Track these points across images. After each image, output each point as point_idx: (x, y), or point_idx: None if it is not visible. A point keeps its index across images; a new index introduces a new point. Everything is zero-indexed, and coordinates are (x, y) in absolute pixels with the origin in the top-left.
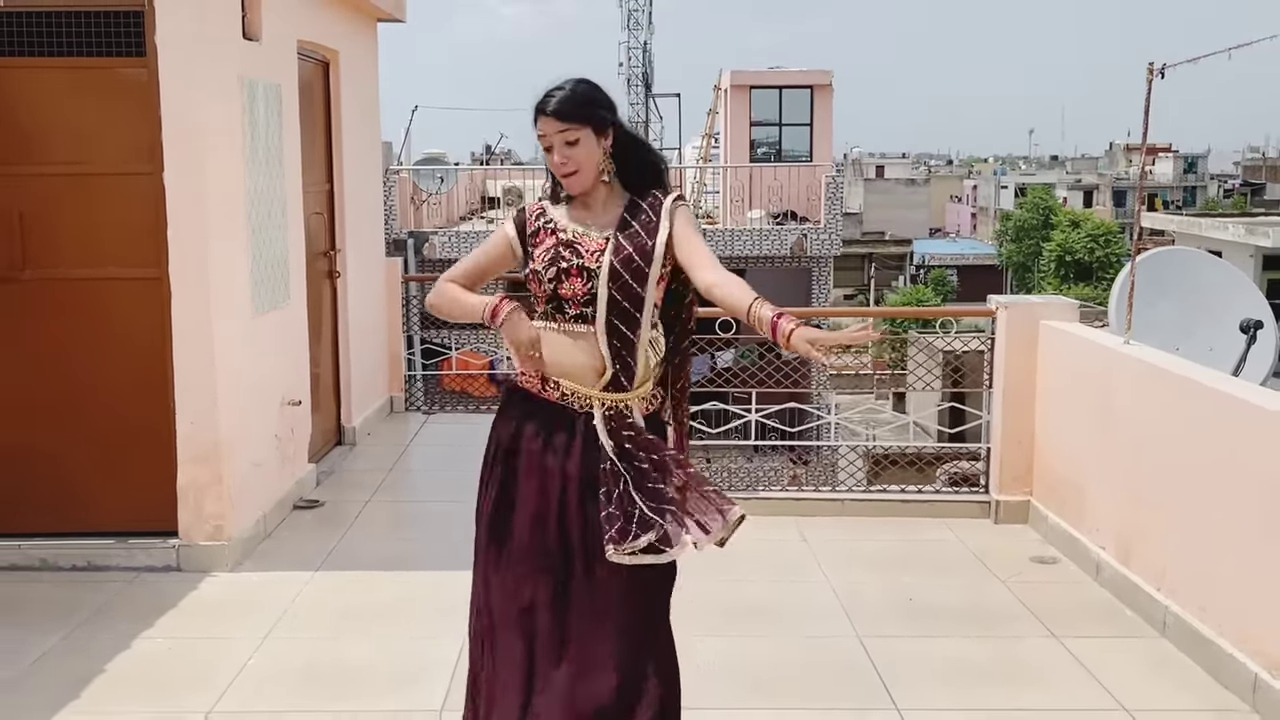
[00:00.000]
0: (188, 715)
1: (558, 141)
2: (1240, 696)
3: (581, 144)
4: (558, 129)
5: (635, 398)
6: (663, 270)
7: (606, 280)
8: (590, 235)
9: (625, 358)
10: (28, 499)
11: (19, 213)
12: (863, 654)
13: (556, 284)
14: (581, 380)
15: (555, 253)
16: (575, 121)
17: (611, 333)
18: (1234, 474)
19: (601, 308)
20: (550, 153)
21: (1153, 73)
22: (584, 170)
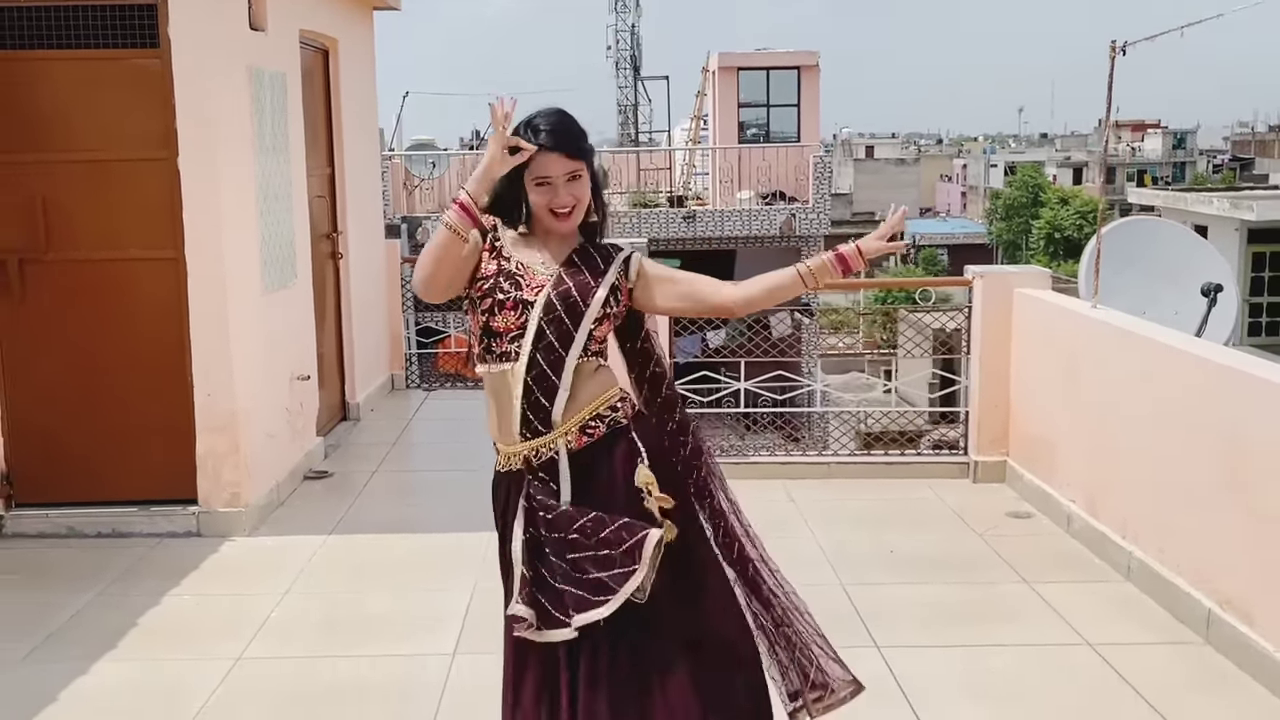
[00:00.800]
0: (219, 661)
1: (563, 179)
2: (1195, 630)
3: (582, 181)
4: (565, 167)
5: (559, 436)
6: (604, 310)
7: (539, 312)
8: (535, 269)
9: (536, 396)
10: (54, 470)
11: (41, 197)
12: (845, 600)
13: (489, 316)
14: (506, 436)
15: (495, 283)
16: (582, 158)
17: (531, 367)
18: (1189, 426)
19: (528, 340)
20: (543, 188)
21: (1115, 50)
22: (580, 208)
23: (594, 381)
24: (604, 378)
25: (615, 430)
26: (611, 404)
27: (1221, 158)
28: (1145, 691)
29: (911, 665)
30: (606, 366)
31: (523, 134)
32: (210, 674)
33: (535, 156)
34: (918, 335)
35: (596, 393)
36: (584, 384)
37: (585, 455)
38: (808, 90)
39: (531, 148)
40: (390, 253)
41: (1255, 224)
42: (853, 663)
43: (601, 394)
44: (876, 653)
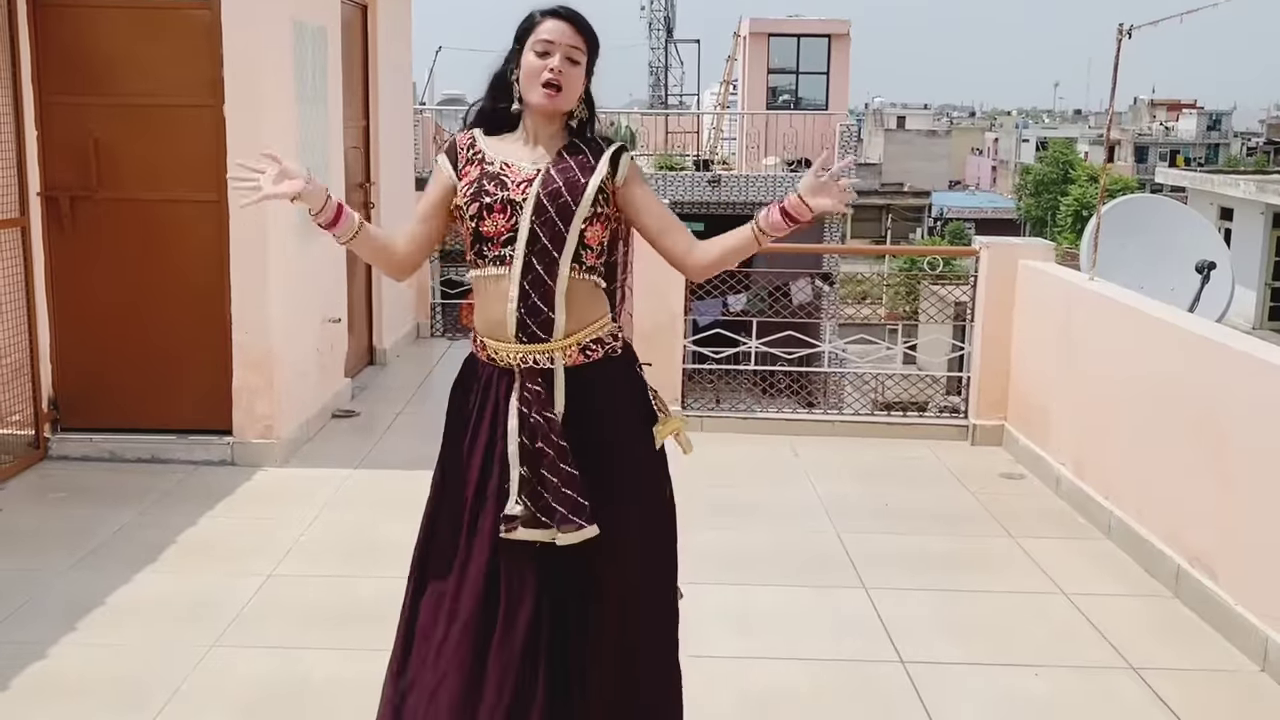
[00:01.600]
0: (252, 576)
1: (562, 51)
2: (1165, 584)
3: (579, 68)
4: (570, 39)
5: (557, 348)
6: (594, 210)
7: (530, 213)
8: (519, 166)
9: (534, 300)
10: (98, 397)
11: (94, 139)
12: (839, 546)
13: (478, 221)
14: (499, 334)
15: (479, 186)
16: (585, 40)
17: (526, 271)
18: (1170, 396)
19: (520, 244)
20: (544, 58)
21: (1121, 34)
22: (568, 92)
23: (592, 301)
24: (601, 301)
25: (612, 358)
26: (612, 332)
27: (1256, 140)
28: (1111, 636)
29: (894, 605)
30: (602, 292)
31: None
32: (244, 588)
33: (541, 23)
34: (939, 306)
35: (595, 314)
36: (582, 299)
37: (583, 373)
38: (838, 58)
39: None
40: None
41: None
42: (839, 601)
43: (600, 317)
44: (864, 593)
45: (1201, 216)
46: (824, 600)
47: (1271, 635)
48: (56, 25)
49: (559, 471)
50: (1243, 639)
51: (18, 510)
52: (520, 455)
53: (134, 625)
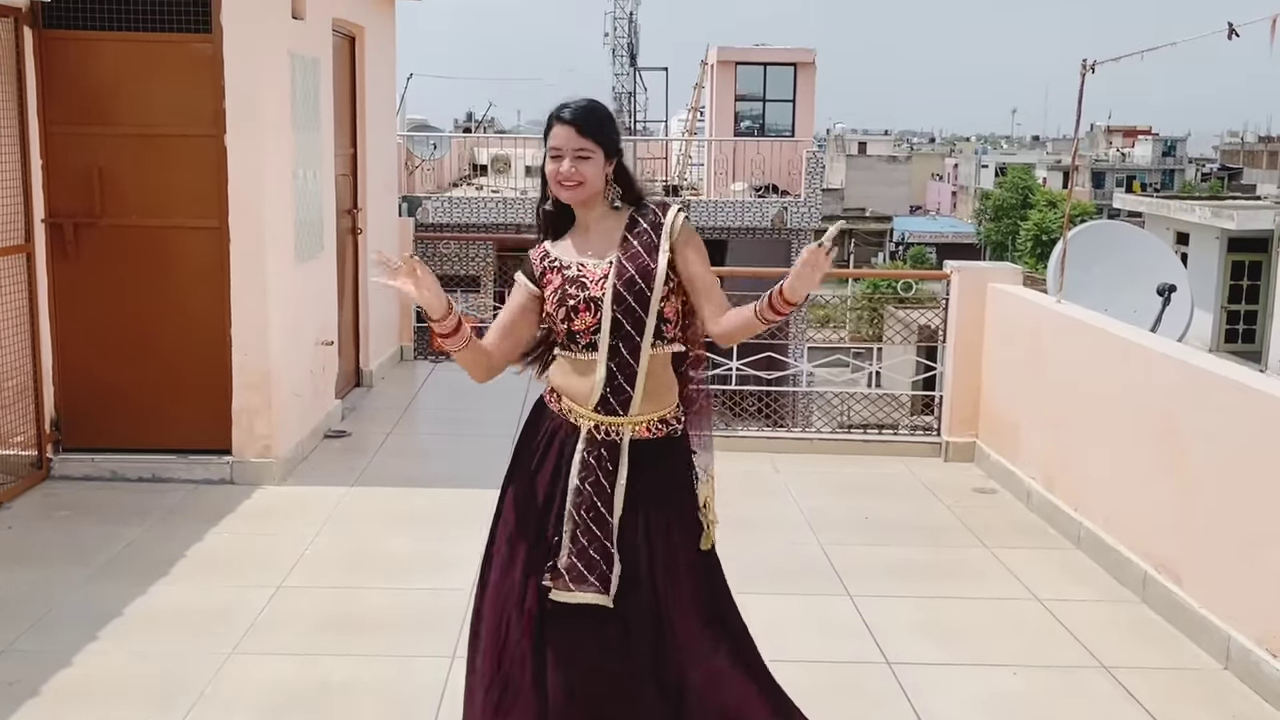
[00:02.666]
0: (263, 589)
1: (570, 154)
2: (1133, 590)
3: (592, 162)
4: (575, 143)
5: (628, 423)
6: (668, 287)
7: (610, 303)
8: (591, 265)
9: (619, 381)
10: (100, 418)
11: (98, 167)
12: (823, 556)
13: (569, 323)
14: (580, 401)
15: (563, 292)
16: (592, 138)
17: (612, 354)
18: (1133, 410)
19: (604, 332)
20: (557, 162)
21: (1085, 69)
22: (588, 186)
23: (666, 380)
24: (672, 383)
25: (673, 437)
26: (676, 414)
27: (1210, 167)
28: (1083, 638)
29: (878, 611)
30: (672, 371)
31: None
32: (256, 598)
33: (551, 129)
34: (904, 329)
35: (667, 396)
36: (659, 376)
37: (646, 448)
38: (803, 86)
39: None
40: (404, 229)
41: (1235, 233)
42: (827, 608)
43: (671, 398)
44: (849, 600)
45: (1161, 241)
46: (812, 607)
47: (1233, 635)
48: (62, 56)
49: (585, 537)
50: (1207, 639)
51: (25, 528)
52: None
53: (154, 634)
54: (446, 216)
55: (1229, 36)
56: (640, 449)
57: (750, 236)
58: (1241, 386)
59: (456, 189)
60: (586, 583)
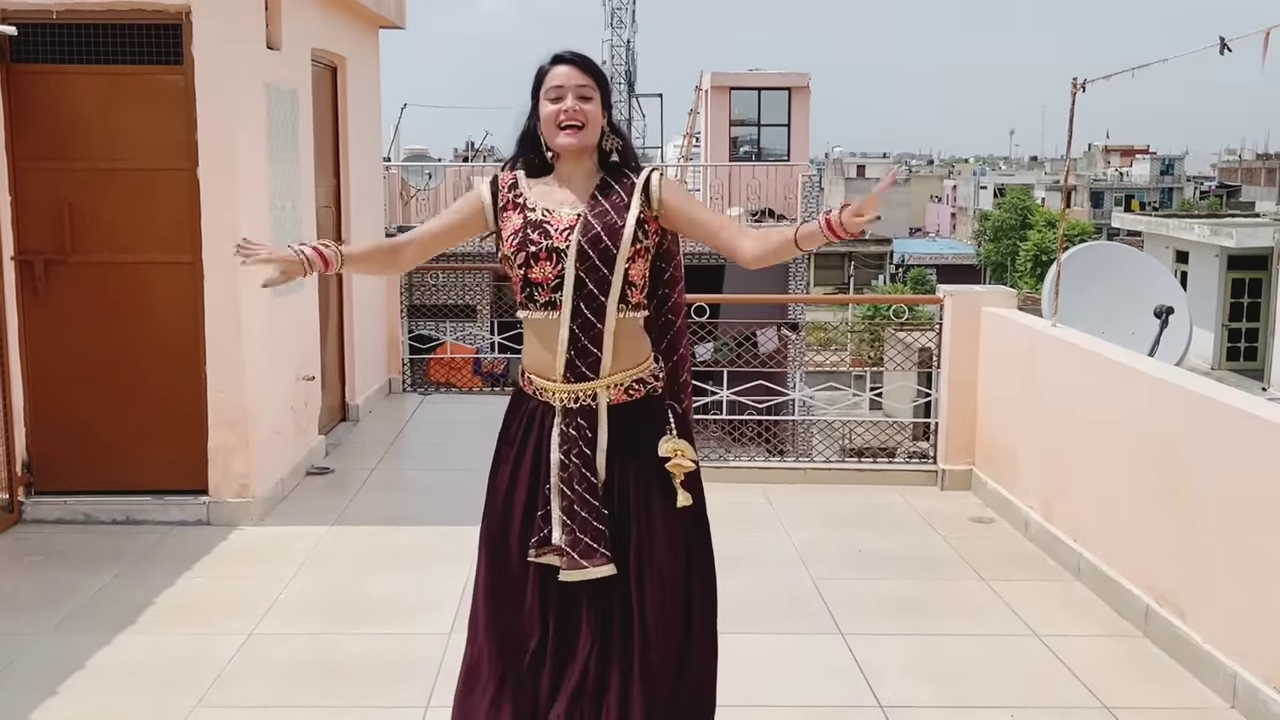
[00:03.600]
0: (234, 636)
1: (573, 92)
2: (1134, 624)
3: (592, 103)
4: (578, 80)
5: (601, 386)
6: (635, 248)
7: (574, 261)
8: (560, 213)
9: (584, 344)
10: (73, 460)
11: (68, 203)
12: (814, 591)
13: (526, 269)
14: (547, 373)
15: (524, 235)
16: (594, 78)
17: (574, 315)
18: (1133, 438)
19: (568, 291)
20: (558, 103)
21: (1076, 87)
22: (590, 127)
23: (637, 342)
24: (644, 343)
25: (652, 397)
26: (653, 372)
27: (1208, 184)
28: (1084, 677)
29: (871, 650)
30: (644, 332)
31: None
32: (225, 647)
33: (549, 70)
34: (904, 352)
35: (639, 356)
36: (628, 339)
37: (624, 411)
38: (798, 110)
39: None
40: None
41: (1235, 251)
42: (817, 648)
43: (644, 359)
44: (840, 639)
45: (1159, 262)
46: (802, 647)
47: (1240, 672)
48: (30, 90)
49: (583, 510)
50: (1212, 677)
51: None
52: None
53: (116, 688)
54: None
55: (1221, 52)
56: (618, 413)
57: None
58: (1243, 413)
59: None
60: (595, 555)
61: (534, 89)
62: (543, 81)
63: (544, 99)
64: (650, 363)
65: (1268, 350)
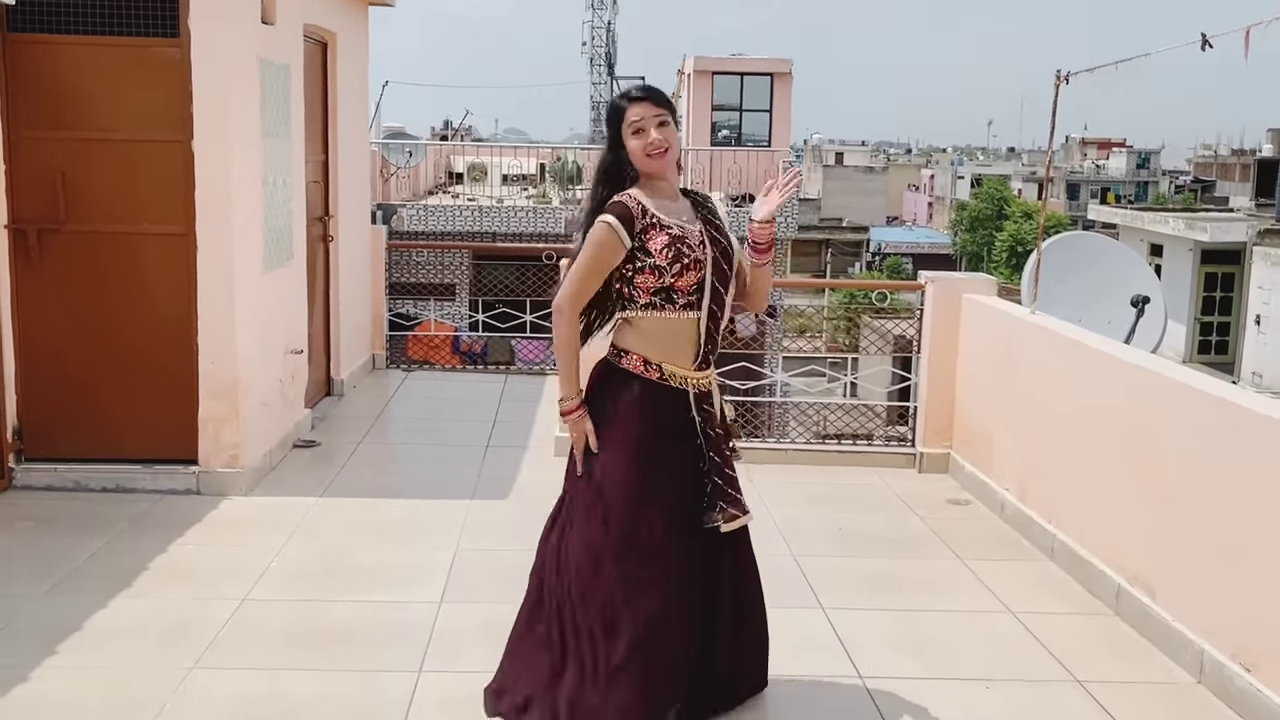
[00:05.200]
0: (226, 601)
1: (653, 123)
2: (1106, 603)
3: (669, 127)
4: (655, 112)
5: (712, 375)
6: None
7: (710, 272)
8: (689, 229)
9: (713, 341)
10: (64, 427)
11: (61, 172)
12: (795, 567)
13: (677, 277)
14: (680, 362)
15: (676, 250)
16: (668, 108)
17: (710, 317)
18: (1106, 422)
19: (706, 295)
20: (642, 135)
21: (1059, 80)
22: (672, 151)
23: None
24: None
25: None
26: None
27: (1184, 179)
28: (1056, 652)
29: (851, 624)
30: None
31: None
32: (219, 612)
33: (627, 109)
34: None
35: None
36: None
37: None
38: (780, 96)
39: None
40: (376, 237)
41: (1208, 245)
42: (799, 621)
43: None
44: (821, 613)
45: (1135, 253)
46: (784, 620)
47: (1207, 649)
48: (26, 60)
49: (724, 474)
50: (1180, 653)
51: None
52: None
53: (114, 648)
54: (421, 224)
55: (1202, 48)
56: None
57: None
58: (1215, 399)
59: (432, 197)
60: (741, 507)
61: (613, 125)
62: (622, 118)
63: (627, 134)
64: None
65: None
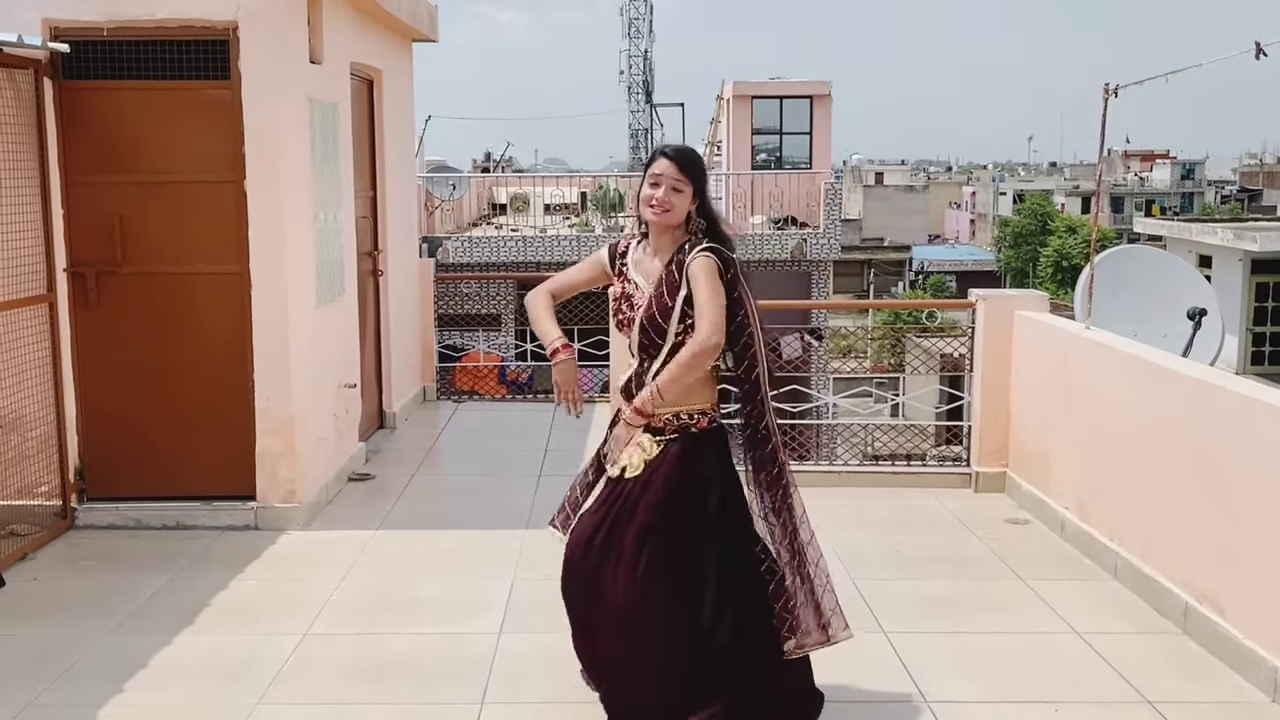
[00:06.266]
0: (288, 636)
1: (668, 184)
2: (1174, 621)
3: (681, 195)
4: (675, 174)
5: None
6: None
7: (638, 334)
8: (643, 290)
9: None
10: (124, 466)
11: (119, 215)
12: (855, 592)
13: (619, 329)
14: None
15: (619, 304)
16: (689, 175)
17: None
18: (1169, 437)
19: (634, 349)
20: (655, 188)
21: (1108, 93)
22: (673, 213)
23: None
24: (699, 388)
25: (685, 431)
26: (699, 411)
27: (1229, 189)
28: (1125, 673)
29: (914, 647)
30: (708, 378)
31: (656, 153)
32: (281, 647)
33: (656, 161)
34: (926, 358)
35: (686, 399)
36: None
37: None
38: (820, 118)
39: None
40: (425, 270)
41: (1259, 255)
42: (861, 645)
43: (690, 402)
44: (884, 637)
45: (1189, 265)
46: (846, 644)
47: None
48: (81, 106)
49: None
50: (1252, 671)
51: (51, 579)
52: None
53: (179, 685)
54: (467, 256)
55: (1257, 56)
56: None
57: (770, 269)
58: None
59: (476, 229)
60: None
61: (646, 166)
62: (650, 166)
63: (646, 181)
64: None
65: None
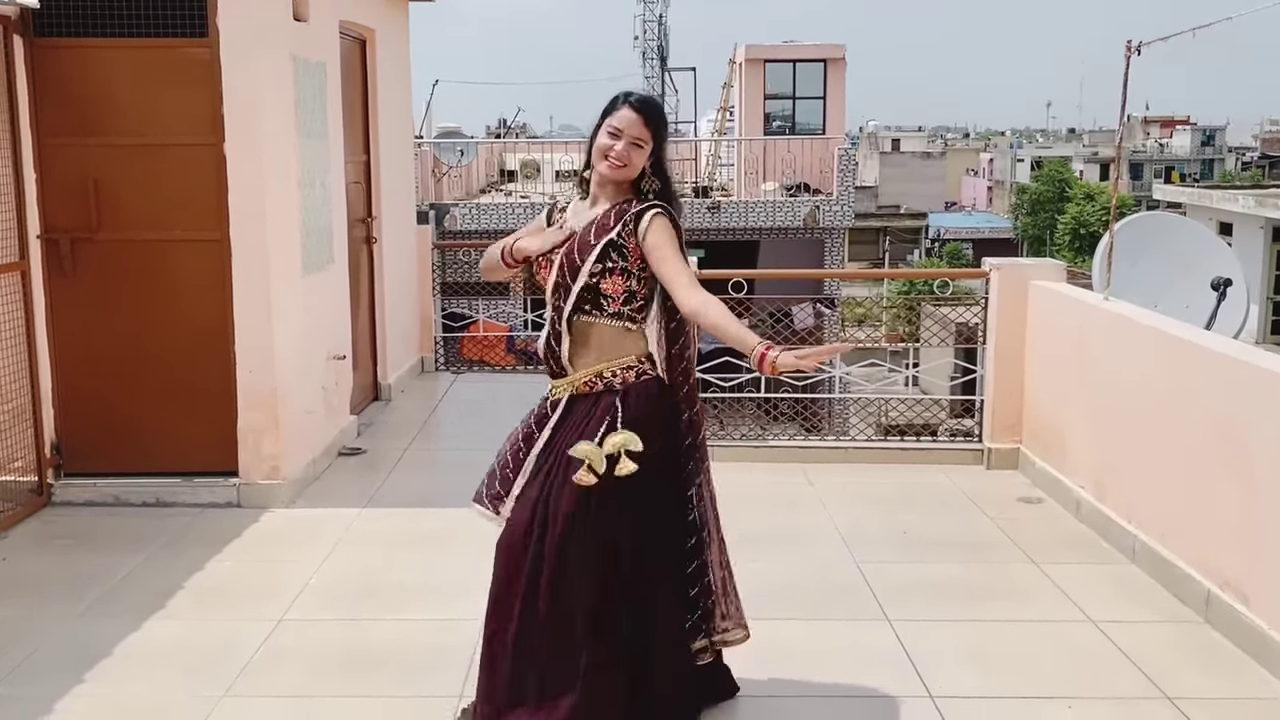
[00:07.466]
0: (263, 622)
1: (628, 138)
2: (1195, 609)
3: (641, 151)
4: (637, 130)
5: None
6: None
7: (554, 272)
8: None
9: (551, 344)
10: (101, 442)
11: (93, 179)
12: (859, 575)
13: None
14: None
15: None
16: (651, 129)
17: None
18: (1190, 414)
19: (548, 292)
20: (614, 139)
21: (1130, 50)
22: (630, 169)
23: (610, 342)
24: (623, 342)
25: (609, 389)
26: (624, 366)
27: (1251, 155)
28: (1144, 665)
29: (919, 637)
30: (635, 332)
31: (618, 99)
32: (255, 633)
33: (619, 110)
34: (939, 328)
35: (610, 354)
36: (596, 341)
37: (579, 403)
38: (834, 83)
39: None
40: (421, 238)
41: None
42: (864, 635)
43: (616, 356)
44: (887, 625)
45: (1212, 233)
46: (848, 634)
47: None
48: (53, 66)
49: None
50: (1278, 665)
51: (22, 559)
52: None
53: (143, 675)
54: (474, 223)
55: None
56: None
57: (783, 237)
58: None
59: (485, 195)
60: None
61: (603, 113)
62: (610, 114)
63: (604, 130)
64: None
65: None
